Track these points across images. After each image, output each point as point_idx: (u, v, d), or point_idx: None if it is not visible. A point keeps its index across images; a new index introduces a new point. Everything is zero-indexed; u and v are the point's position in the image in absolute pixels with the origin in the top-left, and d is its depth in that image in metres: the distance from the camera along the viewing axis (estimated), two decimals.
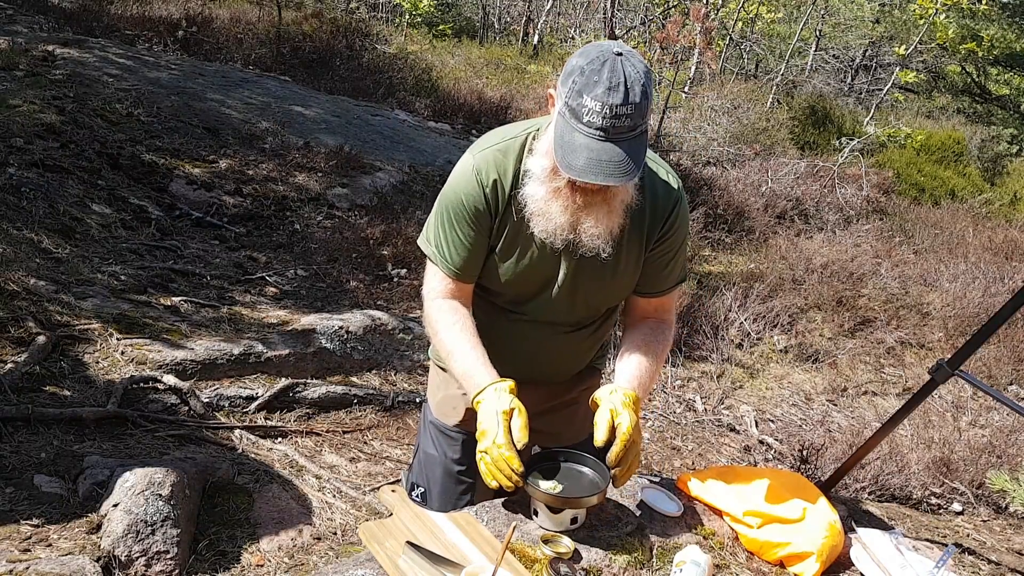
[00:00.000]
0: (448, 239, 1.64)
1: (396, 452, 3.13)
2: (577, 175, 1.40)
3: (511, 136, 1.63)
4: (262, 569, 2.25)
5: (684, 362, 4.55)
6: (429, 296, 1.71)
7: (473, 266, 1.66)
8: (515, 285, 1.69)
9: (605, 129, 1.38)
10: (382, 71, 9.95)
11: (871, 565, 1.66)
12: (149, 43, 8.52)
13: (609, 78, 1.36)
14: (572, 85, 1.39)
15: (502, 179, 1.60)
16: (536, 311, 1.73)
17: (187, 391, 2.93)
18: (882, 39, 14.78)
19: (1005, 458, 3.33)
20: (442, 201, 1.66)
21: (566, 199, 1.51)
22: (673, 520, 1.71)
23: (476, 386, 1.60)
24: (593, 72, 1.37)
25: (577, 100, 1.39)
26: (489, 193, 1.60)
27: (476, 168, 1.61)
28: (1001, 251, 7.42)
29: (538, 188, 1.53)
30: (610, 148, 1.38)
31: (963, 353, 1.99)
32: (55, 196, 4.24)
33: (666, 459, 3.53)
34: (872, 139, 10.69)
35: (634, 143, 1.41)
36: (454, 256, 1.65)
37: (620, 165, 1.38)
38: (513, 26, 17.11)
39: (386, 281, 4.73)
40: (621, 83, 1.36)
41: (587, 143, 1.39)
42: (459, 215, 1.62)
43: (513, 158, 1.60)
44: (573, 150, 1.40)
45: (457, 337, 1.64)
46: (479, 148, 1.64)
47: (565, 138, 1.41)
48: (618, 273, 1.66)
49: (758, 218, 7.32)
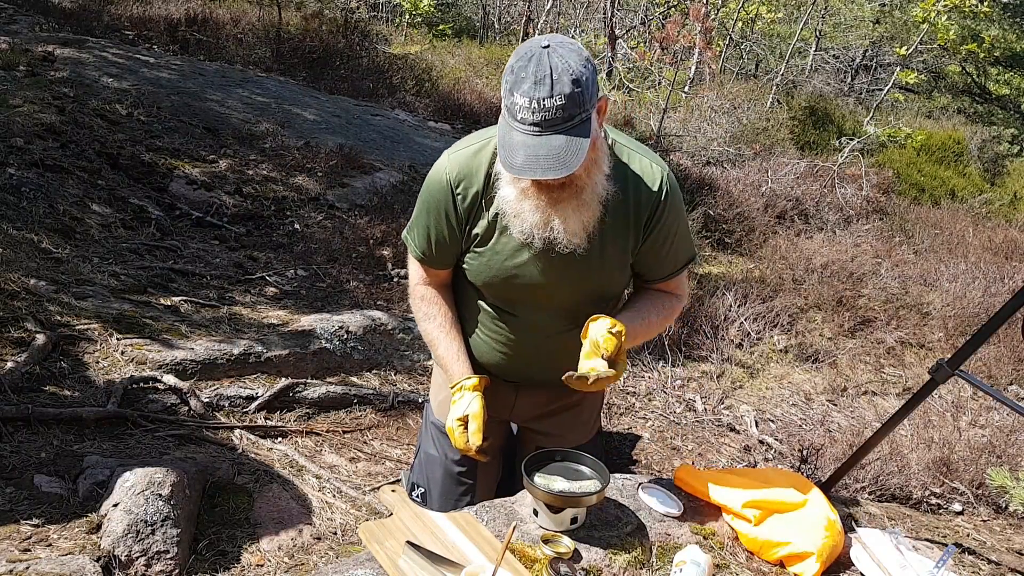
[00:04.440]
0: (419, 227, 1.75)
1: (396, 452, 3.13)
2: (516, 173, 1.42)
3: (486, 136, 1.65)
4: (262, 569, 2.25)
5: (684, 362, 4.55)
6: (410, 284, 1.86)
7: (440, 253, 1.74)
8: (502, 284, 1.71)
9: (538, 123, 1.39)
10: (382, 71, 9.95)
11: (871, 565, 1.66)
12: (149, 43, 8.52)
13: (535, 72, 1.38)
14: (505, 84, 1.43)
15: (473, 181, 1.63)
16: (527, 310, 1.74)
17: (187, 391, 2.93)
18: (882, 39, 14.78)
19: (1005, 458, 3.33)
20: (419, 198, 1.76)
21: (534, 198, 1.53)
22: (673, 520, 1.71)
23: (454, 377, 1.74)
24: (521, 69, 1.40)
25: (510, 98, 1.41)
26: (459, 195, 1.64)
27: (447, 170, 1.65)
28: (1001, 251, 7.42)
29: (508, 190, 1.56)
30: (546, 141, 1.39)
31: (963, 353, 1.99)
32: (55, 196, 4.24)
33: (666, 459, 3.53)
34: (872, 139, 10.68)
35: (573, 132, 1.40)
36: (420, 242, 1.75)
37: (558, 158, 1.39)
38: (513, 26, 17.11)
39: (386, 281, 4.73)
40: (547, 75, 1.37)
41: (523, 140, 1.40)
42: (430, 209, 1.71)
43: (487, 159, 1.62)
44: (512, 148, 1.41)
45: (434, 330, 1.79)
46: (454, 149, 1.68)
47: (505, 138, 1.43)
48: (605, 266, 1.66)
49: (758, 218, 7.31)
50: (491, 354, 1.80)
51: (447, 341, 1.77)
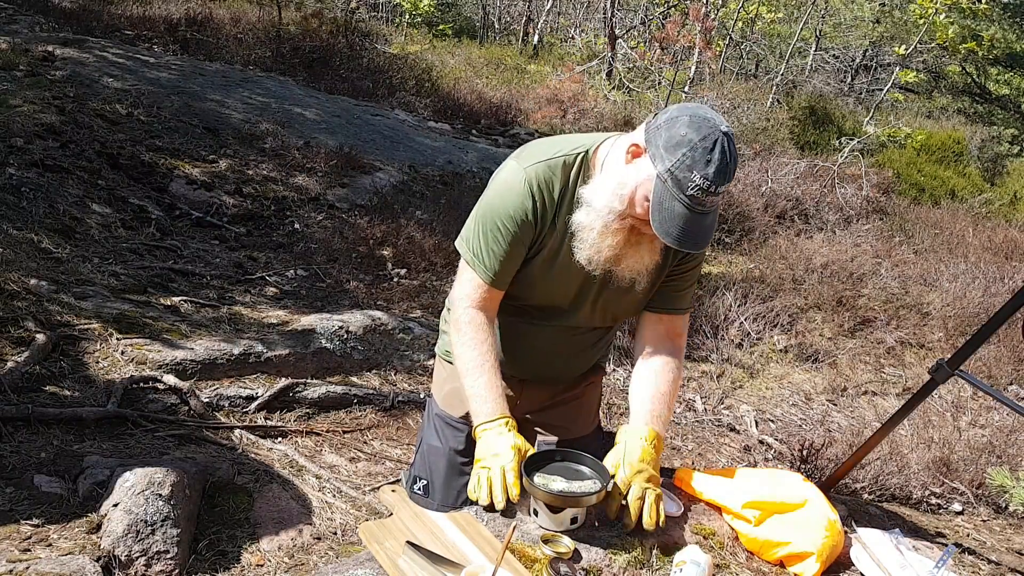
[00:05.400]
0: (488, 247, 1.65)
1: (396, 452, 3.13)
2: (671, 243, 1.47)
3: (560, 153, 1.63)
4: (262, 569, 2.25)
5: (684, 362, 4.55)
6: (461, 302, 1.71)
7: (509, 274, 1.69)
8: (544, 296, 1.73)
9: (703, 203, 1.44)
10: (382, 71, 9.95)
11: (871, 565, 1.66)
12: (149, 43, 8.52)
13: (720, 159, 1.42)
14: (683, 158, 1.42)
15: (550, 194, 1.61)
16: (559, 319, 1.77)
17: (187, 391, 2.92)
18: (882, 39, 14.78)
19: (1005, 458, 3.33)
20: (487, 208, 1.65)
21: (621, 239, 1.56)
22: (673, 520, 1.70)
23: (486, 415, 1.63)
24: (706, 151, 1.41)
25: (686, 174, 1.42)
26: (538, 206, 1.61)
27: (527, 180, 1.60)
28: (1001, 251, 7.42)
29: (594, 220, 1.56)
30: (700, 219, 1.46)
31: (963, 353, 1.99)
32: (55, 196, 4.24)
33: (666, 459, 3.53)
34: (872, 139, 10.68)
35: (715, 213, 1.49)
36: (493, 263, 1.66)
37: (705, 234, 1.48)
38: (513, 26, 17.12)
39: (386, 281, 4.73)
40: (728, 166, 1.43)
41: (684, 214, 1.44)
42: (504, 224, 1.62)
43: (560, 174, 1.62)
44: (672, 218, 1.45)
45: (478, 358, 1.67)
46: (530, 160, 1.62)
47: (665, 205, 1.45)
48: (635, 295, 1.72)
49: (758, 218, 7.31)
50: (506, 350, 1.83)
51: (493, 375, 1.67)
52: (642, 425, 1.66)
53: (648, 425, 1.65)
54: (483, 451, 1.61)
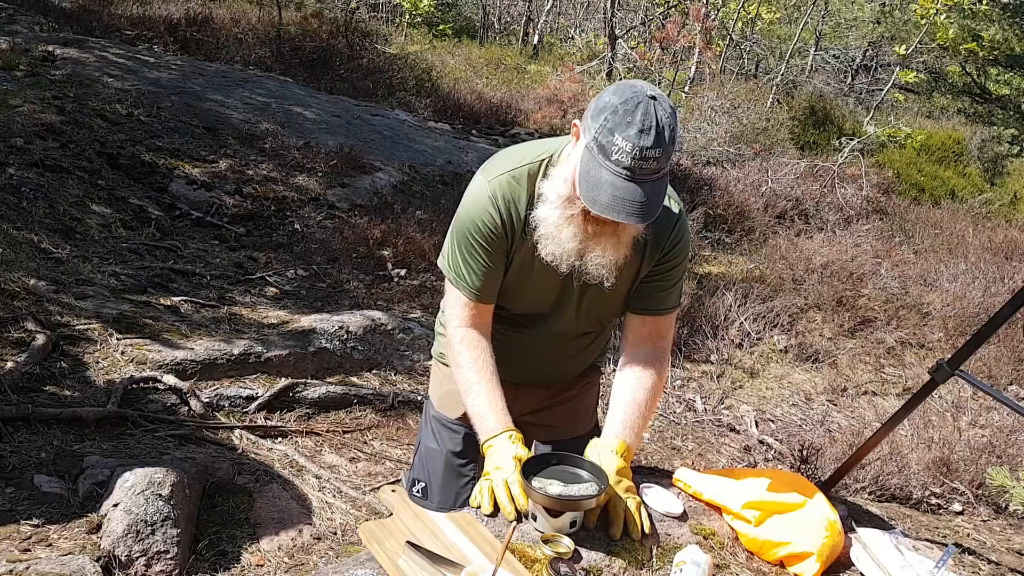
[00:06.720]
0: (467, 263, 1.65)
1: (396, 452, 3.13)
2: (600, 211, 1.42)
3: (525, 162, 1.62)
4: (262, 569, 2.25)
5: (684, 362, 4.55)
6: (452, 323, 1.72)
7: (492, 287, 1.68)
8: (526, 303, 1.73)
9: (632, 169, 1.39)
10: (382, 71, 9.95)
11: (871, 565, 1.66)
12: (149, 43, 8.52)
13: (642, 120, 1.37)
14: (604, 122, 1.40)
15: (516, 204, 1.61)
16: (543, 325, 1.77)
17: (187, 391, 2.92)
18: (882, 39, 14.78)
19: (1005, 458, 3.33)
20: (457, 225, 1.66)
21: (578, 227, 1.52)
22: (673, 520, 1.70)
23: (489, 430, 1.64)
24: (627, 112, 1.38)
25: (608, 138, 1.39)
26: (505, 218, 1.61)
27: (491, 195, 1.60)
28: (1001, 251, 7.42)
29: (551, 212, 1.54)
30: (634, 188, 1.40)
31: (963, 353, 1.99)
32: (55, 196, 4.24)
33: (666, 459, 3.53)
34: (872, 139, 10.69)
35: (656, 185, 1.43)
36: (474, 279, 1.66)
37: (642, 206, 1.40)
38: (513, 26, 17.12)
39: (386, 281, 4.73)
40: (653, 126, 1.38)
41: (612, 180, 1.40)
42: (476, 239, 1.63)
43: (526, 184, 1.61)
44: (598, 186, 1.41)
45: (474, 376, 1.68)
46: (494, 172, 1.63)
47: (591, 173, 1.42)
48: (615, 295, 1.70)
49: (758, 218, 7.32)
50: (498, 356, 1.82)
51: (494, 391, 1.67)
52: (612, 438, 1.66)
53: (618, 437, 1.66)
54: (488, 465, 1.63)
